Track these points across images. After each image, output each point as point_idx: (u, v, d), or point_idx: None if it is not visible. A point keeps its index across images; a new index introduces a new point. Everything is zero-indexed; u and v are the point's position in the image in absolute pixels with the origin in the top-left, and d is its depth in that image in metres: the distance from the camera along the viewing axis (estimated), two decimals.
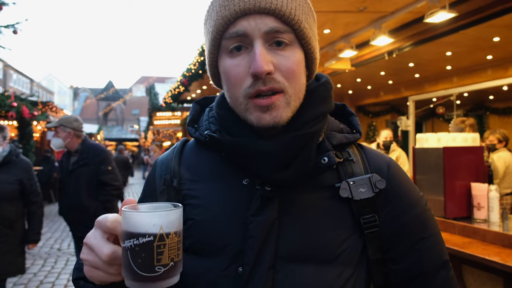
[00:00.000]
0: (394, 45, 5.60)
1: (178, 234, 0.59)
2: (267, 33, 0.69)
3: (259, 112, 0.70)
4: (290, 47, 0.71)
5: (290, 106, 0.71)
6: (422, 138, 3.23)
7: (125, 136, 35.29)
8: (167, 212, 0.58)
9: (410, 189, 0.82)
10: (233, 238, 0.74)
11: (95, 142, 3.79)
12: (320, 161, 0.73)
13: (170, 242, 0.57)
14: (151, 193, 0.87)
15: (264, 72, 0.68)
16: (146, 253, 0.56)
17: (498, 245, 2.47)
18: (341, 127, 0.83)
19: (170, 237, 0.57)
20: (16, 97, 8.90)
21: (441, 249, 0.81)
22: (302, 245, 0.73)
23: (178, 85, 9.28)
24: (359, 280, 0.75)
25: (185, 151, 0.88)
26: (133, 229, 0.56)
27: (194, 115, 0.89)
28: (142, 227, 0.56)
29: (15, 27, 7.12)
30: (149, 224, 0.56)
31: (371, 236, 0.76)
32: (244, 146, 0.73)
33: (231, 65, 0.72)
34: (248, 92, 0.70)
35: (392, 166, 0.82)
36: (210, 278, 0.74)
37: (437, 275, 0.78)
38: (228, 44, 0.72)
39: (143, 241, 0.56)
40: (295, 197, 0.75)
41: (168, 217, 0.57)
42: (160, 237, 0.56)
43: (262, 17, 0.69)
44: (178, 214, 0.59)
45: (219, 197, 0.78)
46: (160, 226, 0.56)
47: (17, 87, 31.81)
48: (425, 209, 0.82)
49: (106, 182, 3.46)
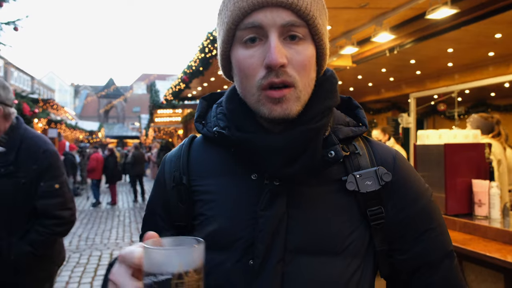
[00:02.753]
0: (396, 42, 5.58)
1: (198, 272, 0.58)
2: (283, 27, 0.71)
3: (271, 104, 0.72)
4: (303, 42, 0.73)
5: (300, 100, 0.73)
6: (423, 135, 3.22)
7: (126, 133, 35.33)
8: (187, 250, 0.57)
9: (415, 181, 0.83)
10: (244, 232, 0.76)
11: (36, 133, 2.02)
12: (327, 155, 0.75)
13: (189, 280, 0.56)
14: (162, 191, 0.88)
15: (279, 64, 0.69)
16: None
17: (499, 241, 2.47)
18: (347, 120, 0.84)
19: (190, 275, 0.56)
20: (17, 94, 8.91)
21: (446, 239, 0.82)
22: (310, 238, 0.75)
23: (178, 82, 9.27)
24: (366, 271, 0.77)
25: (193, 148, 0.89)
26: (152, 266, 0.56)
27: (201, 111, 0.90)
28: (161, 265, 0.56)
29: (16, 24, 7.11)
30: (168, 262, 0.55)
31: (378, 228, 0.78)
32: (252, 142, 0.74)
33: (245, 56, 0.73)
34: (261, 84, 0.71)
35: (398, 159, 0.84)
36: (222, 272, 0.75)
37: (441, 264, 0.80)
38: (243, 35, 0.73)
39: (161, 279, 0.55)
40: (303, 191, 0.77)
41: (188, 255, 0.57)
42: (178, 276, 0.55)
43: (279, 10, 0.70)
44: (199, 251, 0.58)
45: (229, 192, 0.80)
46: (179, 264, 0.56)
47: (18, 85, 31.84)
48: (430, 201, 0.83)
49: (46, 210, 1.88)
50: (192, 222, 0.83)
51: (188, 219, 0.83)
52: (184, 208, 0.83)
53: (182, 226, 0.84)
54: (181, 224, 0.84)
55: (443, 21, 4.58)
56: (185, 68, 8.47)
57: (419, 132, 3.31)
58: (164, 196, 0.86)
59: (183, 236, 0.62)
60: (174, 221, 0.85)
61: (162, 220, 0.88)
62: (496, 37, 5.57)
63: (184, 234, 0.84)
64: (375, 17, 4.95)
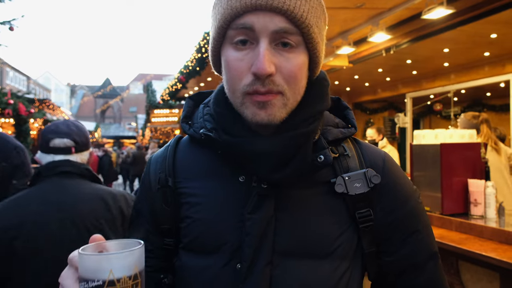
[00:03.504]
0: (392, 42, 5.60)
1: (133, 277, 0.56)
2: (275, 33, 0.68)
3: (255, 108, 0.70)
4: (295, 49, 0.70)
5: (287, 107, 0.71)
6: (419, 135, 3.23)
7: (123, 133, 35.23)
8: (118, 255, 0.56)
9: (404, 184, 0.83)
10: (231, 236, 0.74)
11: (2, 132, 1.92)
12: (316, 159, 0.73)
13: (121, 287, 0.55)
14: (147, 193, 0.86)
15: (266, 74, 0.67)
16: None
17: (494, 241, 2.48)
18: (336, 121, 0.83)
19: (122, 281, 0.55)
20: (12, 94, 8.85)
21: (431, 241, 0.83)
22: (298, 241, 0.74)
23: (175, 82, 9.26)
24: (354, 273, 0.77)
25: (179, 149, 0.87)
26: (85, 272, 0.55)
27: (188, 111, 0.88)
28: (92, 271, 0.54)
29: (11, 24, 7.06)
30: (99, 268, 0.54)
31: (366, 230, 0.78)
32: (240, 146, 0.73)
33: (234, 58, 0.71)
34: (246, 90, 0.70)
35: (387, 161, 0.83)
36: (209, 275, 0.74)
37: (426, 265, 0.80)
38: (234, 35, 0.71)
39: (92, 285, 0.54)
40: (291, 193, 0.76)
41: (120, 261, 0.55)
42: (109, 282, 0.54)
43: (272, 16, 0.67)
44: (133, 256, 0.56)
45: (216, 194, 0.78)
46: (110, 270, 0.54)
47: (14, 85, 31.65)
48: (418, 202, 0.83)
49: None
50: (178, 225, 0.81)
51: (173, 222, 0.81)
52: (170, 211, 0.81)
53: (167, 229, 0.82)
54: (166, 227, 0.82)
55: (439, 21, 4.60)
56: (182, 68, 8.46)
57: (415, 132, 3.32)
58: (150, 198, 0.85)
59: (128, 240, 0.61)
60: (159, 224, 0.83)
61: (146, 222, 0.86)
62: (492, 37, 5.59)
63: (170, 237, 0.82)
64: (371, 17, 4.96)
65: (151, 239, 0.85)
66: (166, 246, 0.83)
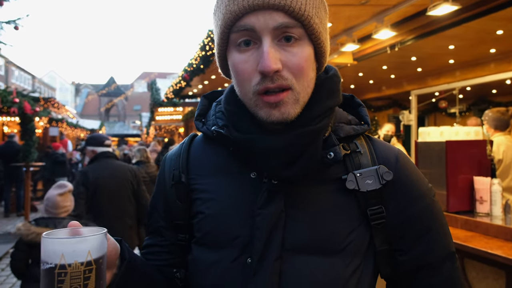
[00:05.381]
0: (397, 39, 5.56)
1: (86, 264, 0.57)
2: (276, 29, 0.69)
3: (268, 108, 0.71)
4: (299, 42, 0.71)
5: (299, 102, 0.72)
6: (424, 132, 3.22)
7: (127, 132, 35.31)
8: (69, 240, 0.58)
9: (418, 180, 0.82)
10: (242, 230, 0.75)
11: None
12: (326, 156, 0.74)
13: (72, 271, 0.56)
14: (162, 189, 0.89)
15: (272, 71, 0.68)
16: (48, 280, 0.56)
17: (500, 238, 2.47)
18: (349, 118, 0.83)
19: (73, 265, 0.56)
20: (18, 93, 8.90)
21: (448, 240, 0.81)
22: (308, 237, 0.74)
23: (179, 80, 9.26)
24: (366, 271, 0.77)
25: (193, 146, 0.89)
26: (43, 254, 0.57)
27: (202, 109, 0.89)
28: (47, 253, 0.56)
29: (17, 23, 7.10)
30: (52, 250, 0.56)
31: (378, 227, 0.77)
32: (251, 143, 0.74)
33: (239, 61, 0.72)
34: (256, 89, 0.70)
35: (400, 158, 0.82)
36: (220, 269, 0.76)
37: (443, 266, 0.79)
38: (237, 38, 0.72)
39: (46, 267, 0.56)
40: (301, 190, 0.76)
41: (71, 246, 0.57)
42: (60, 266, 0.56)
43: (271, 13, 0.68)
44: (85, 242, 0.58)
45: (228, 191, 0.80)
46: (61, 254, 0.56)
47: (19, 84, 31.84)
48: (433, 201, 0.82)
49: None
50: (191, 221, 0.83)
51: (186, 218, 0.83)
52: (183, 207, 0.83)
53: (180, 225, 0.84)
54: (180, 222, 0.84)
55: (444, 17, 4.56)
56: (186, 66, 8.46)
57: (421, 129, 3.30)
58: (164, 194, 0.87)
59: (100, 228, 0.62)
60: (173, 219, 0.85)
61: (161, 218, 0.89)
62: (498, 34, 5.55)
63: (183, 232, 0.84)
64: (376, 14, 4.94)
65: (165, 235, 0.88)
66: (179, 242, 0.85)
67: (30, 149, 9.00)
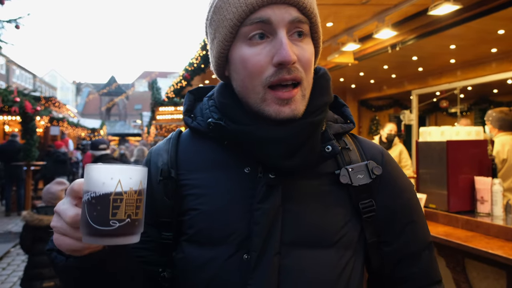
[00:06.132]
0: (398, 38, 5.55)
1: (138, 193, 0.58)
2: (291, 23, 0.72)
3: (278, 106, 0.72)
4: (307, 39, 0.75)
5: (305, 98, 0.75)
6: (425, 132, 3.21)
7: (128, 131, 35.35)
8: (127, 168, 0.58)
9: (401, 176, 0.88)
10: (238, 226, 0.75)
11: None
12: (324, 149, 0.76)
13: (128, 198, 0.56)
14: (148, 185, 0.83)
15: (292, 61, 0.70)
16: (102, 206, 0.55)
17: (501, 238, 2.47)
18: (335, 117, 0.87)
19: (129, 192, 0.56)
20: (19, 92, 8.92)
21: (426, 231, 0.87)
22: (305, 231, 0.75)
23: (180, 79, 9.27)
24: (357, 263, 0.79)
25: (181, 142, 0.88)
26: (92, 182, 0.56)
27: (189, 105, 0.90)
28: (100, 180, 0.56)
29: (18, 22, 7.12)
30: (107, 177, 0.56)
31: (369, 220, 0.81)
32: (251, 134, 0.74)
33: (251, 54, 0.72)
34: (269, 81, 0.71)
35: (385, 154, 0.87)
36: (215, 267, 0.75)
37: (421, 255, 0.84)
38: (249, 31, 0.72)
39: (100, 193, 0.55)
40: (297, 184, 0.78)
41: (127, 173, 0.57)
42: (117, 191, 0.56)
43: (287, 7, 0.72)
44: (139, 173, 0.58)
45: (221, 186, 0.79)
46: (119, 180, 0.56)
47: (20, 83, 31.87)
48: (413, 194, 0.88)
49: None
50: (180, 218, 0.80)
51: (174, 215, 0.80)
52: (170, 203, 0.80)
53: (166, 223, 0.81)
54: (166, 220, 0.81)
55: (446, 17, 4.56)
56: (187, 65, 8.47)
57: (421, 129, 3.30)
58: (150, 190, 0.82)
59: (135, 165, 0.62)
60: (159, 216, 0.81)
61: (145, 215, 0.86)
62: (499, 33, 5.54)
63: (168, 230, 0.81)
64: (377, 14, 4.93)
65: (147, 232, 0.82)
66: (163, 240, 0.82)
67: (31, 148, 9.03)
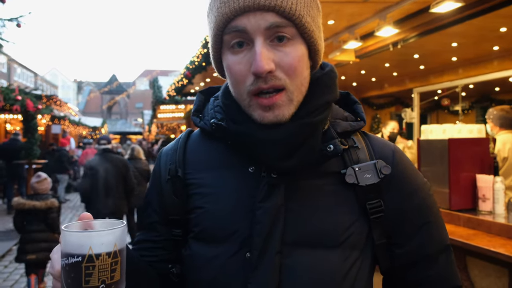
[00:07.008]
0: (399, 36, 5.54)
1: (113, 255, 0.57)
2: (268, 29, 0.69)
3: (261, 111, 0.72)
4: (291, 42, 0.71)
5: (293, 102, 0.73)
6: (427, 130, 3.21)
7: (129, 129, 35.36)
8: (98, 233, 0.57)
9: (414, 175, 0.84)
10: (241, 225, 0.76)
11: None
12: (326, 148, 0.75)
13: (100, 264, 0.56)
14: (157, 184, 0.88)
15: (265, 72, 0.68)
16: (75, 273, 0.55)
17: (503, 236, 2.46)
18: (345, 115, 0.84)
19: (101, 258, 0.56)
20: (20, 91, 8.92)
21: (443, 233, 0.83)
22: (308, 230, 0.75)
23: (181, 78, 9.26)
24: (364, 264, 0.78)
25: (190, 142, 0.89)
26: (66, 248, 0.57)
27: (199, 105, 0.90)
28: (72, 247, 0.56)
29: (19, 21, 7.11)
30: (78, 244, 0.56)
31: (377, 221, 0.78)
32: (249, 135, 0.74)
33: (233, 62, 0.73)
34: (250, 89, 0.71)
35: (396, 152, 0.84)
36: (218, 264, 0.76)
37: (438, 258, 0.81)
38: (229, 40, 0.72)
39: (72, 261, 0.56)
40: (301, 183, 0.77)
41: (99, 239, 0.56)
42: (88, 258, 0.55)
43: (262, 14, 0.69)
44: (112, 235, 0.57)
45: (226, 185, 0.80)
46: (89, 247, 0.55)
47: (21, 81, 31.89)
48: (428, 195, 0.84)
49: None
50: (188, 216, 0.82)
51: (182, 213, 0.83)
52: (178, 202, 0.82)
53: (176, 220, 0.84)
54: (175, 218, 0.84)
55: (447, 15, 4.54)
56: (188, 63, 8.46)
57: (423, 127, 3.29)
58: (159, 189, 0.87)
59: (112, 220, 0.62)
60: (168, 214, 0.85)
61: (156, 213, 0.88)
62: (501, 31, 5.51)
63: (178, 228, 0.84)
64: (378, 11, 4.91)
65: (159, 230, 0.87)
66: (174, 237, 0.85)
67: (32, 146, 9.04)
